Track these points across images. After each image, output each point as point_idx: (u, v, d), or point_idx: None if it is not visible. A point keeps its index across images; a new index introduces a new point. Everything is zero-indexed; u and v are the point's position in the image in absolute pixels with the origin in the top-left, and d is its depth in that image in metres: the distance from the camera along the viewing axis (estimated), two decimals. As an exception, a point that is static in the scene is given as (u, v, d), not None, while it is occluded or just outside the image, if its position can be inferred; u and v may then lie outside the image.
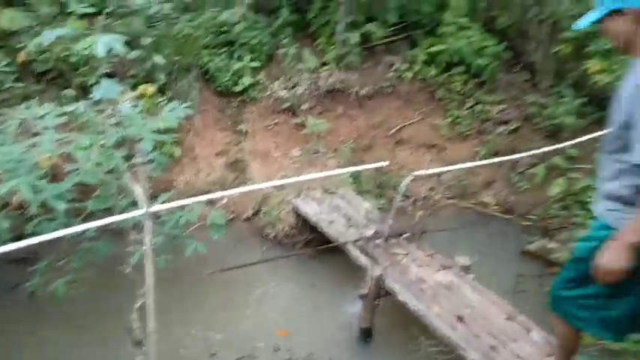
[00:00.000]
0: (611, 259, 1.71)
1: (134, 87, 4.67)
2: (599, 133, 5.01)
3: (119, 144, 3.37)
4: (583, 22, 1.85)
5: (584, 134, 5.33)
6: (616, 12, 1.72)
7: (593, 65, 5.04)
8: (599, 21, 1.80)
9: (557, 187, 5.16)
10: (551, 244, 4.69)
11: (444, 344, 2.94)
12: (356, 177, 5.22)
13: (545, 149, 5.16)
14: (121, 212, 3.03)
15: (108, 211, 3.36)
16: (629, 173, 1.77)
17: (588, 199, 4.86)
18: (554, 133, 5.70)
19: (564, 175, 5.32)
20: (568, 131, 5.53)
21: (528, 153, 5.24)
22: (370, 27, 5.63)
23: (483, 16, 6.34)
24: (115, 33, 4.69)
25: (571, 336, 2.13)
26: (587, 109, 5.70)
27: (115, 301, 3.48)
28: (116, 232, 3.37)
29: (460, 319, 2.97)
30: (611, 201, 1.89)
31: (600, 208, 1.95)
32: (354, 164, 5.36)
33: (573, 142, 5.03)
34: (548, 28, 5.75)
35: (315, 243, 4.60)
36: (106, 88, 1.84)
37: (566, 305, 2.04)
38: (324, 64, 5.72)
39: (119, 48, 1.76)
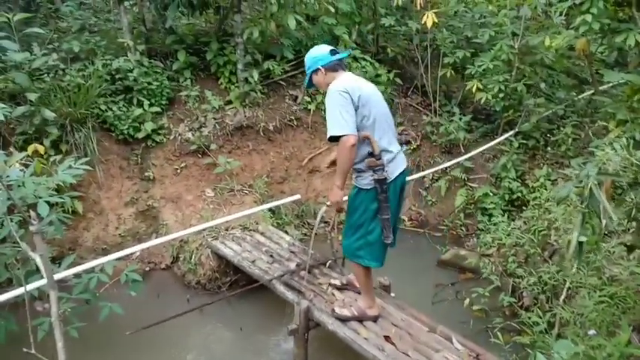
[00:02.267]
0: (333, 196, 2.93)
1: (24, 145, 4.36)
2: (488, 145, 5.59)
3: (11, 210, 3.11)
4: (306, 85, 3.13)
5: (475, 147, 5.89)
6: (315, 71, 2.98)
7: (472, 85, 5.60)
8: (311, 80, 3.04)
9: (460, 198, 5.58)
10: (462, 252, 5.04)
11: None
12: (274, 211, 5.24)
13: (448, 164, 5.63)
14: (21, 283, 2.79)
15: (7, 284, 3.06)
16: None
17: (488, 206, 5.32)
18: (450, 148, 6.20)
19: (464, 186, 5.78)
20: (461, 145, 6.05)
21: (433, 169, 5.68)
22: (269, 64, 5.78)
23: (373, 47, 6.81)
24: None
25: (364, 271, 3.12)
26: (474, 124, 6.29)
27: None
28: (19, 304, 3.08)
29: (387, 339, 3.07)
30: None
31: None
32: (271, 198, 5.40)
33: (468, 155, 5.54)
34: (431, 54, 6.30)
35: (241, 282, 4.53)
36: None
37: (352, 251, 3.06)
38: (228, 102, 5.74)
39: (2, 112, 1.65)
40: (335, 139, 2.76)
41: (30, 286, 2.45)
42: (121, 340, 3.76)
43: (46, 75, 4.79)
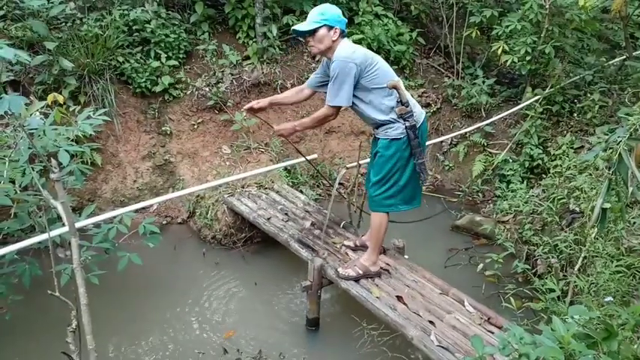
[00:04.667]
0: (284, 129, 3.29)
1: (43, 95, 4.36)
2: (512, 110, 5.44)
3: (32, 159, 3.14)
4: (302, 27, 2.92)
5: (497, 111, 5.75)
6: (330, 27, 2.87)
7: (498, 47, 5.40)
8: (315, 30, 2.87)
9: (479, 164, 5.50)
10: (478, 218, 5.00)
11: (386, 326, 3.06)
12: (290, 170, 5.24)
13: (469, 129, 5.51)
14: (44, 230, 2.85)
15: (29, 231, 3.14)
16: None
17: (507, 173, 5.24)
18: (471, 113, 6.05)
19: (483, 151, 5.68)
20: (482, 110, 5.90)
21: (454, 134, 5.57)
22: (288, 19, 5.62)
23: (396, 4, 6.56)
24: (13, 38, 4.34)
25: (385, 224, 3.24)
26: (497, 87, 6.11)
27: (48, 326, 3.27)
28: (42, 251, 3.17)
29: (399, 299, 3.11)
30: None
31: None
32: (287, 157, 5.38)
33: (490, 120, 5.41)
34: (457, 13, 6.05)
35: (255, 239, 4.59)
36: (10, 103, 1.70)
37: (380, 201, 3.16)
38: (246, 58, 5.64)
39: (23, 57, 1.63)
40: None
41: (52, 233, 2.50)
42: (138, 290, 3.89)
43: (63, 24, 4.74)
